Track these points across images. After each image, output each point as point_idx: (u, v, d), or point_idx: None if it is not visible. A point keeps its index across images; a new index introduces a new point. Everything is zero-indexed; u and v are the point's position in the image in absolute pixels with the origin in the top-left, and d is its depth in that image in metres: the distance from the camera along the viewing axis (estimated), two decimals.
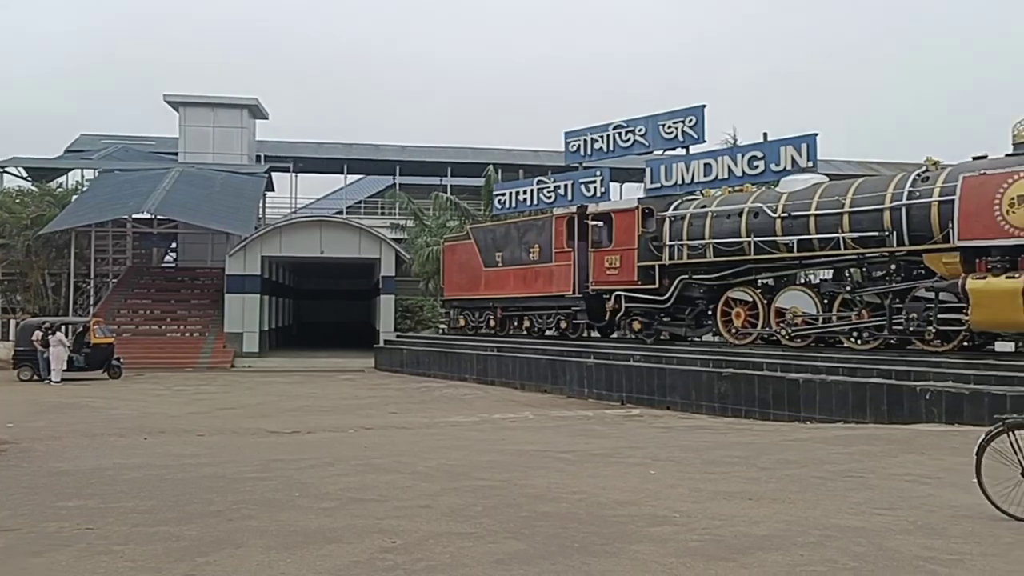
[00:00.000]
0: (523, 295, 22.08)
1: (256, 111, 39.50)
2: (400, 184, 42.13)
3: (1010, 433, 5.96)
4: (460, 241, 25.40)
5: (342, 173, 44.26)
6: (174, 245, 39.73)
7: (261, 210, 39.28)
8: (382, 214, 41.87)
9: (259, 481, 7.90)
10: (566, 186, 23.78)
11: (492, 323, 23.84)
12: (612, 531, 5.84)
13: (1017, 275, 12.09)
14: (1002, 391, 11.49)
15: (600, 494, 7.17)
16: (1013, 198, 12.20)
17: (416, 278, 33.52)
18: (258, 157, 40.54)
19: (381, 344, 30.25)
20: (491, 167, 33.56)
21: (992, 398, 11.52)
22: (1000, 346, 14.89)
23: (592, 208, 20.17)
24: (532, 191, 24.71)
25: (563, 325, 21.14)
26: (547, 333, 22.17)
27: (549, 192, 24.24)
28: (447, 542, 5.54)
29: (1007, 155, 13.02)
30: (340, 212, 42.43)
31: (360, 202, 45.98)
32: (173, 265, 39.70)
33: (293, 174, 43.67)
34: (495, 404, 17.11)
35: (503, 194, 25.83)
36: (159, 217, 32.50)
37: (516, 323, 23.15)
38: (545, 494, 7.18)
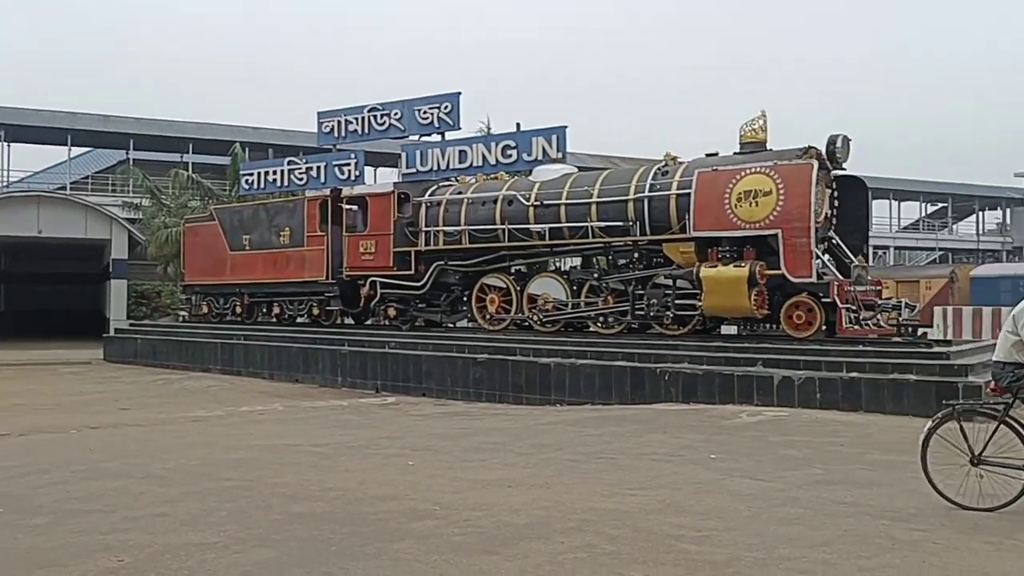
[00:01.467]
0: (273, 280, 21.01)
1: None
2: (134, 159, 38.73)
3: (958, 420, 5.83)
4: (203, 222, 23.70)
5: (65, 144, 39.93)
6: None
7: None
8: (113, 191, 38.30)
9: None
10: (319, 168, 22.87)
11: (239, 310, 22.51)
12: (371, 530, 5.53)
13: (743, 264, 13.14)
14: (730, 371, 12.47)
15: (357, 489, 6.83)
16: (740, 193, 13.22)
17: (153, 262, 30.94)
18: None
19: (112, 333, 27.66)
20: (237, 145, 31.71)
21: (722, 378, 12.49)
22: (725, 329, 16.21)
23: (346, 191, 19.58)
24: (283, 172, 23.56)
25: (316, 312, 20.37)
26: (299, 320, 21.28)
27: (301, 174, 23.22)
28: (186, 555, 4.96)
29: (735, 153, 14.12)
30: (63, 188, 38.28)
31: (87, 177, 41.80)
32: None
33: (4, 143, 38.84)
34: (242, 396, 16.14)
35: (251, 174, 24.43)
36: None
37: (265, 310, 22.02)
38: (298, 493, 6.72)
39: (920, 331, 14.13)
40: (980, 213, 58.02)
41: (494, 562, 4.80)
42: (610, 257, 15.50)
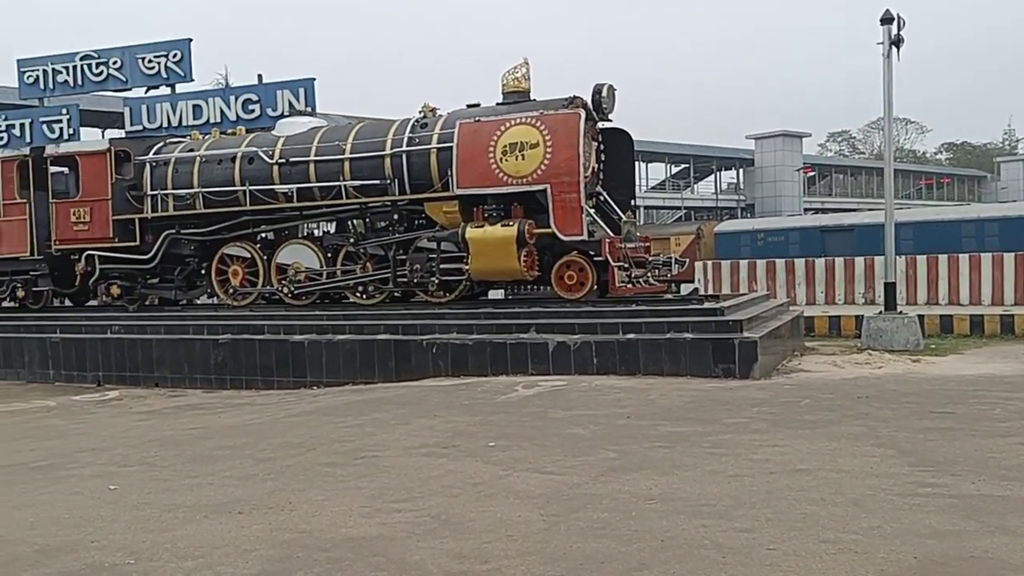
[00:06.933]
0: None
1: None
2: None
3: None
4: None
5: None
6: None
7: None
8: None
9: None
10: (23, 125, 19.72)
11: None
12: None
13: (511, 223, 12.16)
14: (502, 339, 11.49)
15: (22, 539, 4.97)
16: (506, 146, 12.21)
17: None
18: None
19: None
20: None
21: (494, 347, 11.49)
22: (492, 294, 15.29)
23: (51, 150, 16.53)
24: None
25: (21, 294, 17.14)
26: (2, 304, 17.93)
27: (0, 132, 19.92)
28: None
29: (498, 104, 13.05)
30: None
31: None
32: None
33: None
34: None
35: None
36: None
37: None
38: None
39: (691, 288, 13.96)
40: (718, 173, 62.06)
41: None
42: (367, 220, 14.00)
